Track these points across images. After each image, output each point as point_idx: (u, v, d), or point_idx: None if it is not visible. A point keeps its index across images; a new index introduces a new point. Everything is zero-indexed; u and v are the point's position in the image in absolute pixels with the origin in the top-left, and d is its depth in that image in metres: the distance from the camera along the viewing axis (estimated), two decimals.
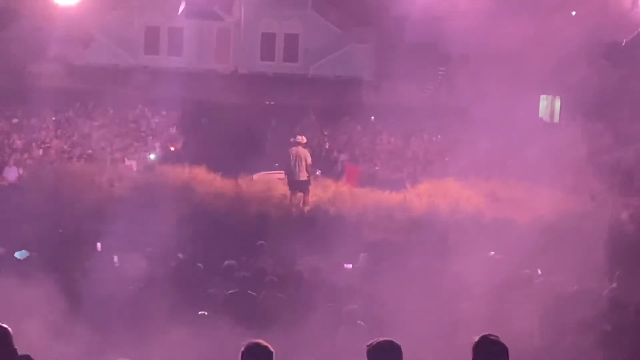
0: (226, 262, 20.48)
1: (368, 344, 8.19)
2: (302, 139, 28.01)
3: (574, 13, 38.27)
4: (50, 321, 13.24)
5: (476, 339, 8.20)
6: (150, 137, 37.23)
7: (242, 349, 8.27)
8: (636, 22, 29.48)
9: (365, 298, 17.50)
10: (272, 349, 8.06)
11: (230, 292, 17.35)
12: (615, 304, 16.26)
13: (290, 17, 50.05)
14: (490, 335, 8.19)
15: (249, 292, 17.25)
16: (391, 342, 8.28)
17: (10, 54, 40.38)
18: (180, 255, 20.92)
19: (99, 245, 20.96)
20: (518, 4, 31.02)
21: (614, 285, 17.67)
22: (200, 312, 14.89)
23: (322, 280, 19.26)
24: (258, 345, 8.17)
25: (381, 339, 8.18)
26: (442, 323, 15.03)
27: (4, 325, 8.44)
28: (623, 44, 31.67)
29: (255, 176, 29.69)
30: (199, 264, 20.01)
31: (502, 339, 8.25)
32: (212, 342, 13.55)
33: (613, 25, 33.75)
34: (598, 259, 19.13)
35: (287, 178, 27.58)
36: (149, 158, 32.86)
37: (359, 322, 15.31)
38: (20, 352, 8.79)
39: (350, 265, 21.14)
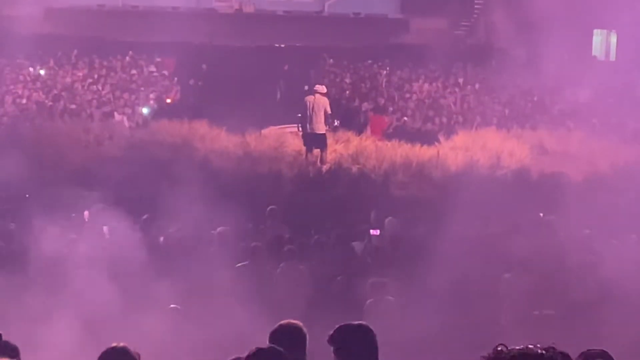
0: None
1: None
2: (322, 88, 27.89)
3: None
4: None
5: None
6: (143, 88, 37.08)
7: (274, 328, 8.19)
8: None
9: (394, 269, 17.43)
10: (305, 331, 8.08)
11: (239, 264, 17.27)
12: None
13: None
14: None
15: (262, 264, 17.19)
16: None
17: None
18: (179, 223, 20.82)
19: (86, 214, 20.86)
20: None
21: None
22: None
23: (345, 247, 19.21)
24: (290, 325, 8.12)
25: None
26: (482, 296, 14.96)
27: None
28: None
29: (264, 131, 29.61)
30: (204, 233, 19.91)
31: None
32: (219, 321, 13.54)
33: None
34: None
35: (302, 132, 27.46)
36: (142, 112, 32.74)
37: (388, 297, 15.21)
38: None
39: (377, 232, 21.02)
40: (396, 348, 9.50)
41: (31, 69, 38.22)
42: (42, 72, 38.31)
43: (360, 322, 8.51)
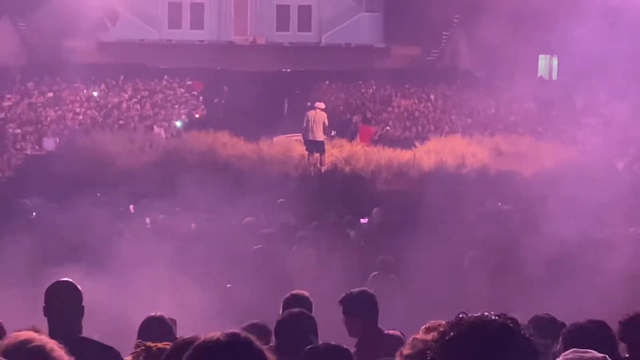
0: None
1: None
2: (321, 104, 28.08)
3: None
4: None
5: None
6: (177, 106, 37.22)
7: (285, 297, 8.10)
8: None
9: (381, 249, 17.47)
10: (311, 300, 7.97)
11: (255, 247, 17.33)
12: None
13: None
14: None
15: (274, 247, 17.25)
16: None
17: (44, 32, 40.31)
18: (206, 215, 20.89)
19: (131, 207, 20.93)
20: None
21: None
22: (228, 285, 14.78)
23: (340, 234, 19.25)
24: (297, 295, 8.07)
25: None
26: (452, 271, 15.00)
27: None
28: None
29: (275, 139, 29.64)
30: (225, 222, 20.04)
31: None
32: (243, 295, 13.52)
33: None
34: (601, 206, 19.06)
35: (305, 139, 27.53)
36: (176, 125, 32.79)
37: (392, 275, 15.26)
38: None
39: (365, 220, 21.11)
40: (394, 309, 9.55)
41: (86, 91, 38.23)
42: (95, 93, 38.36)
43: (363, 288, 8.74)
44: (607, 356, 4.43)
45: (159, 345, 5.63)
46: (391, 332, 8.08)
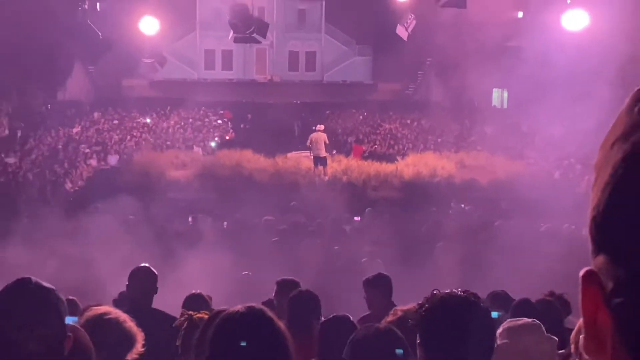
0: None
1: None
2: (321, 127, 28.16)
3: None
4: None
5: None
6: (211, 130, 37.30)
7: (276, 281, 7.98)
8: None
9: (371, 241, 17.49)
10: (298, 281, 7.78)
11: (273, 240, 17.38)
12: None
13: (309, 39, 50.18)
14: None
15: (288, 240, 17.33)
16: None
17: (108, 73, 40.41)
18: (236, 215, 20.93)
19: (190, 218, 21.08)
20: (471, 26, 30.78)
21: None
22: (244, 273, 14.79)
23: (339, 230, 19.26)
24: (287, 279, 7.94)
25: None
26: (426, 257, 15.06)
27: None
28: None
29: (288, 155, 29.65)
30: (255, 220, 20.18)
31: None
32: (260, 275, 13.53)
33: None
34: (543, 206, 19.19)
35: (312, 155, 27.62)
36: (211, 145, 32.80)
37: (378, 260, 15.21)
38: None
39: (358, 218, 21.14)
40: None
41: (141, 119, 38.35)
42: (148, 120, 38.44)
43: (380, 272, 8.46)
44: (536, 320, 4.44)
45: (198, 314, 5.66)
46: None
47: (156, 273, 7.72)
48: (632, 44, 23.08)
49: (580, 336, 0.85)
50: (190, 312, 6.54)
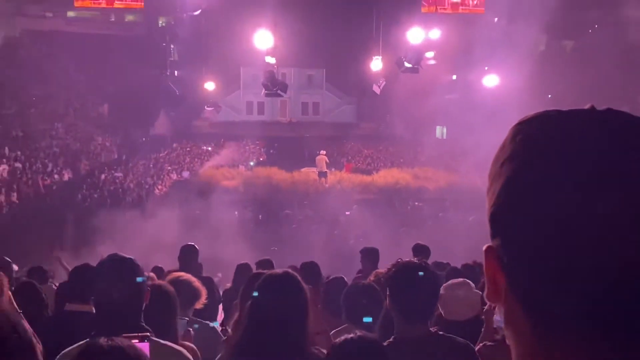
0: (286, 212, 20.61)
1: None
2: (323, 152, 28.08)
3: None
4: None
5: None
6: (251, 154, 37.17)
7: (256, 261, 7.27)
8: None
9: (358, 228, 17.48)
10: (273, 262, 7.13)
11: (292, 226, 17.38)
12: None
13: (314, 94, 50.26)
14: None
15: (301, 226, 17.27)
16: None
17: (183, 116, 40.28)
18: (267, 210, 20.90)
19: (236, 212, 20.90)
20: (422, 85, 30.69)
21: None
22: (272, 248, 14.73)
23: (336, 220, 19.24)
24: (266, 259, 7.31)
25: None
26: (394, 238, 15.01)
27: (191, 244, 7.25)
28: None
29: (301, 170, 29.56)
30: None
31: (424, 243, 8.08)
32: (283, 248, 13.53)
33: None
34: (471, 203, 19.12)
35: (317, 171, 27.63)
36: (250, 164, 32.73)
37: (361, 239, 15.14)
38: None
39: (348, 212, 21.10)
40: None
41: (204, 147, 38.19)
42: (209, 148, 38.28)
43: (372, 247, 8.04)
44: (466, 279, 4.42)
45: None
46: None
47: (197, 249, 7.17)
48: (533, 95, 22.94)
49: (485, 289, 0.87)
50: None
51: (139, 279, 2.78)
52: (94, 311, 3.88)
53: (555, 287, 0.73)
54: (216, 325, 5.32)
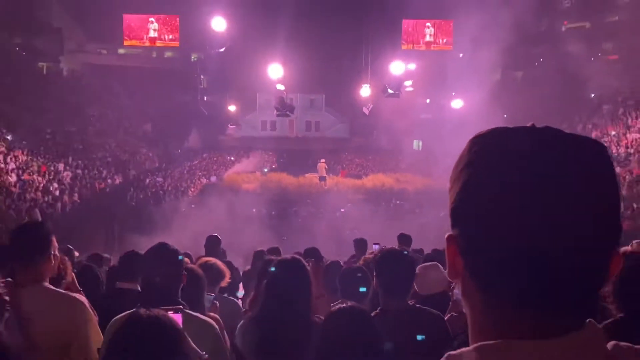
0: (294, 209, 20.51)
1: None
2: (323, 160, 27.99)
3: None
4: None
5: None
6: (265, 163, 36.93)
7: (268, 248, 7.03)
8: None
9: (351, 221, 17.41)
10: (280, 249, 6.93)
11: (299, 220, 17.30)
12: None
13: (316, 114, 50.08)
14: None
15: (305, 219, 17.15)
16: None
17: (211, 132, 40.16)
18: (279, 207, 20.81)
19: (254, 209, 20.72)
20: (402, 107, 30.57)
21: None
22: (283, 237, 14.65)
23: (334, 215, 19.17)
24: (274, 247, 7.18)
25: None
26: (383, 227, 14.94)
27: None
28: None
29: (306, 175, 29.47)
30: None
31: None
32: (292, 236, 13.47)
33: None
34: (442, 202, 18.99)
35: (318, 175, 27.59)
36: (264, 171, 32.64)
37: (355, 231, 15.07)
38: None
39: (343, 209, 21.00)
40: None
41: (228, 157, 37.91)
42: (232, 158, 37.91)
43: (362, 237, 7.83)
44: (437, 263, 4.41)
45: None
46: None
47: (219, 238, 7.00)
48: (491, 115, 22.73)
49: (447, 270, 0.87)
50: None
51: (179, 259, 2.80)
52: (139, 288, 3.87)
53: (497, 269, 0.76)
54: (238, 298, 5.32)
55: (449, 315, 3.64)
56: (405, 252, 3.11)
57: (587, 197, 0.73)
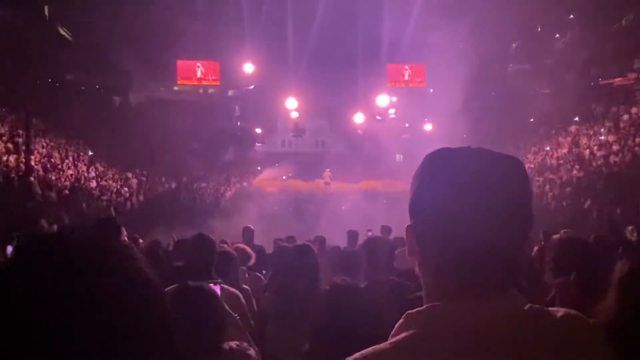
0: (305, 206, 20.43)
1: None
2: (328, 170, 28.02)
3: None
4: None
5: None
6: (283, 172, 36.42)
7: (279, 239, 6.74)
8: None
9: (354, 215, 17.24)
10: (295, 237, 6.74)
11: (309, 215, 17.15)
12: None
13: (322, 134, 49.39)
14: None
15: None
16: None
17: (242, 149, 39.74)
18: (294, 205, 20.64)
19: (275, 207, 20.46)
20: (389, 128, 30.31)
21: None
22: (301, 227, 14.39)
23: (339, 209, 18.99)
24: (291, 236, 7.01)
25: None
26: (373, 225, 14.73)
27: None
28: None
29: (315, 180, 29.27)
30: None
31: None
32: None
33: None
34: None
35: (324, 181, 27.46)
36: (283, 178, 32.40)
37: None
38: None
39: (344, 207, 20.84)
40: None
41: (257, 168, 37.42)
42: (259, 168, 37.44)
43: (354, 229, 7.63)
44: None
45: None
46: None
47: (252, 229, 6.82)
48: (453, 135, 22.56)
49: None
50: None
51: (211, 245, 2.81)
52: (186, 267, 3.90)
53: (440, 250, 0.80)
54: (262, 273, 5.33)
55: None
56: (386, 239, 3.11)
57: (504, 196, 0.76)
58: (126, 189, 21.51)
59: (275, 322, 2.75)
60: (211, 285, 2.06)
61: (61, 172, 18.70)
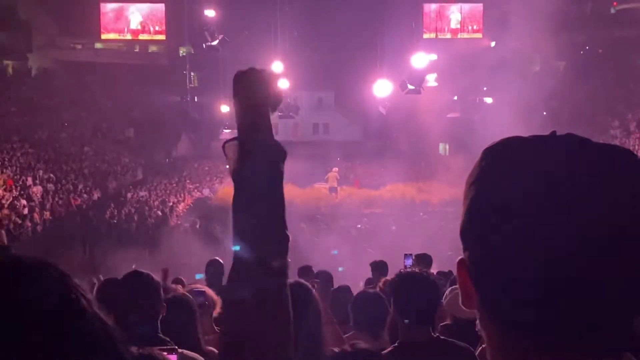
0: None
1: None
2: (336, 169, 28.11)
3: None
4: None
5: None
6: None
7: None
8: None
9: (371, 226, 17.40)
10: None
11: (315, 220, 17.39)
12: None
13: (324, 115, 50.16)
14: None
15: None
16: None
17: (202, 139, 40.16)
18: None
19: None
20: (424, 105, 30.50)
21: None
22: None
23: (347, 224, 19.19)
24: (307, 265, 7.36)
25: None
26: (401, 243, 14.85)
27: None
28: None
29: (315, 185, 29.30)
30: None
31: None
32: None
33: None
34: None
35: (328, 186, 27.67)
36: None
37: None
38: None
39: (360, 226, 21.08)
40: None
41: (223, 167, 37.93)
42: (227, 167, 37.99)
43: (382, 260, 7.91)
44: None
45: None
46: None
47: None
48: (530, 112, 22.61)
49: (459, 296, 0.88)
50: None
51: (154, 288, 2.81)
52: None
53: (510, 298, 0.76)
54: None
55: (480, 348, 3.63)
56: (427, 275, 3.11)
57: (618, 210, 0.72)
58: (24, 201, 21.54)
59: None
60: (164, 354, 2.04)
61: None
